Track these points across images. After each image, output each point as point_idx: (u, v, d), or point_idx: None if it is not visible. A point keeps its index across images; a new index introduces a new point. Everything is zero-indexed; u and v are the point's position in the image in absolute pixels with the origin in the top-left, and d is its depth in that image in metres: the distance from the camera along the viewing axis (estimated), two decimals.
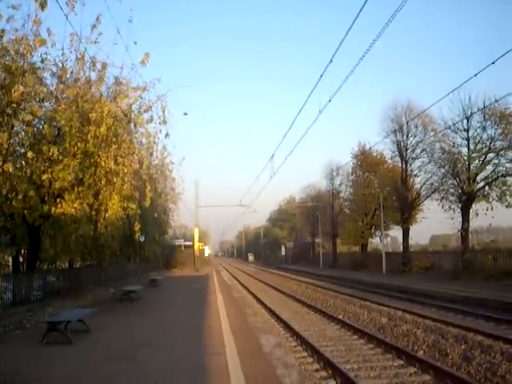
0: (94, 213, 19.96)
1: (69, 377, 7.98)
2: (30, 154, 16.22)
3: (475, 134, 32.70)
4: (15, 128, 17.00)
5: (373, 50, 13.04)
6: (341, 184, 60.66)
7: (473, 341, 12.20)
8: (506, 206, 31.43)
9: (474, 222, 34.17)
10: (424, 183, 39.32)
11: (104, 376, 7.96)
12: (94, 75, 19.09)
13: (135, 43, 18.40)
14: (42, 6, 15.87)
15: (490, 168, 32.17)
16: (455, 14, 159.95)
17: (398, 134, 40.17)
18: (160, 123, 19.97)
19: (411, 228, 41.73)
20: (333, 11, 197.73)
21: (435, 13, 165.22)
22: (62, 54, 18.24)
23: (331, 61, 14.27)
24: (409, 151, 40.16)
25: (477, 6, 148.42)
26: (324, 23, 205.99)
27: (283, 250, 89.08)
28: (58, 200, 18.09)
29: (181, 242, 67.00)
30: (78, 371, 8.36)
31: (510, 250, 30.05)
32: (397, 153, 41.40)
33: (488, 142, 31.92)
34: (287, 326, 15.43)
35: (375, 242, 54.22)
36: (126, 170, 19.46)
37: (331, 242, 63.73)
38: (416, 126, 39.49)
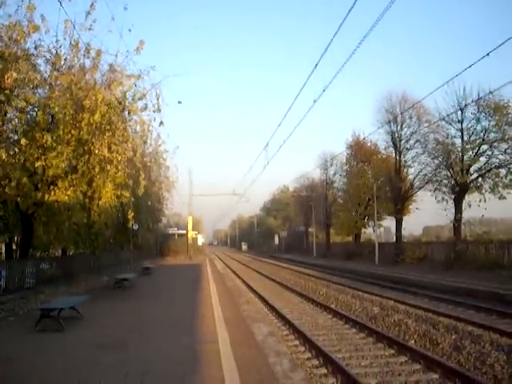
0: (87, 200, 19.94)
1: (60, 364, 8.02)
2: (23, 141, 16.16)
3: (469, 125, 32.73)
4: (8, 115, 16.97)
5: (369, 38, 13.06)
6: (335, 174, 60.76)
7: (463, 331, 12.29)
8: (499, 198, 31.52)
9: (467, 214, 34.27)
10: (417, 174, 39.33)
11: (96, 363, 7.98)
12: (88, 62, 19.05)
13: (130, 31, 18.37)
14: None
15: (483, 159, 32.23)
16: (454, 3, 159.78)
17: (392, 124, 40.15)
18: (154, 111, 19.98)
19: (404, 219, 41.84)
20: None
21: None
22: (56, 41, 18.22)
23: (326, 50, 14.30)
24: (403, 142, 40.15)
25: None
26: (322, 7, 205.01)
27: (276, 239, 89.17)
28: (52, 187, 18.06)
29: (174, 230, 67.03)
30: (70, 358, 8.40)
31: (501, 241, 30.21)
32: (391, 143, 41.38)
33: (482, 134, 31.95)
34: (280, 315, 15.48)
35: (368, 232, 54.47)
36: (119, 158, 19.45)
37: (324, 231, 63.86)
38: (410, 117, 39.47)
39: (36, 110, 17.87)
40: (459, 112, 32.44)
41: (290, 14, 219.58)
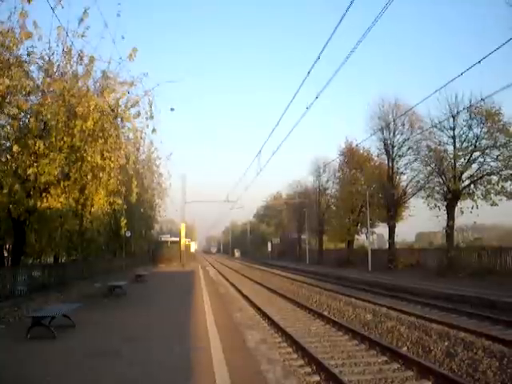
0: (79, 207, 19.89)
1: (51, 372, 7.95)
2: (15, 148, 16.11)
3: (461, 132, 32.96)
4: (0, 121, 16.92)
5: (361, 45, 13.11)
6: (327, 181, 60.94)
7: (456, 337, 12.30)
8: (491, 205, 31.70)
9: (459, 220, 34.45)
10: (410, 181, 39.61)
11: (87, 372, 7.93)
12: (81, 69, 19.04)
13: (123, 38, 18.40)
14: None
15: (475, 166, 32.45)
16: (447, 9, 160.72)
17: (384, 131, 40.37)
18: (147, 118, 19.98)
19: (397, 225, 42.04)
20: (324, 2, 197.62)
21: (427, 7, 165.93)
22: (49, 48, 18.19)
23: (319, 57, 14.34)
24: (395, 149, 40.39)
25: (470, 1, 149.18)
26: (314, 13, 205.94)
27: (269, 246, 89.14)
28: (44, 194, 18.00)
29: (167, 237, 66.66)
30: (61, 367, 8.35)
31: (494, 247, 30.38)
32: (383, 150, 41.63)
33: (474, 141, 32.15)
34: (272, 322, 15.45)
35: (361, 238, 54.54)
36: (112, 165, 19.42)
37: (317, 238, 63.93)
38: (403, 124, 39.72)
39: (28, 116, 17.82)
40: (451, 119, 32.65)
41: (284, 21, 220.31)
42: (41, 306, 15.89)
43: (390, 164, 40.80)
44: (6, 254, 22.42)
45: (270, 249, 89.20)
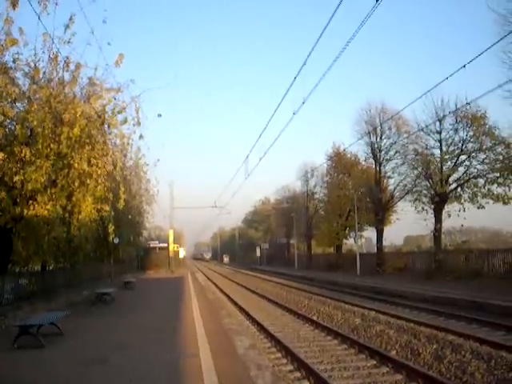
0: (67, 215, 19.72)
1: (39, 381, 7.90)
2: (1, 155, 15.96)
3: (447, 136, 33.24)
4: None
5: (347, 50, 13.14)
6: (315, 185, 61.09)
7: (444, 340, 12.36)
8: (478, 207, 31.95)
9: (447, 223, 34.71)
10: (397, 185, 39.89)
11: (76, 379, 7.88)
12: (67, 76, 18.94)
13: (109, 44, 18.35)
14: (14, 4, 15.70)
15: (461, 170, 32.72)
16: (433, 14, 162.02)
17: (371, 135, 40.63)
18: (134, 124, 19.97)
19: (386, 229, 42.25)
20: (310, 7, 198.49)
21: (410, 12, 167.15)
22: (35, 54, 18.03)
23: (305, 63, 14.41)
24: (382, 153, 40.64)
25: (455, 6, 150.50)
26: (301, 18, 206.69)
27: (258, 251, 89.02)
28: (31, 202, 17.84)
29: (155, 243, 66.41)
30: (49, 376, 8.28)
31: (481, 250, 30.59)
32: (371, 154, 41.86)
33: (460, 144, 32.42)
34: (261, 328, 15.44)
35: (350, 243, 54.65)
36: (99, 172, 19.32)
37: (306, 243, 63.98)
38: (390, 128, 40.00)
39: (14, 123, 17.66)
40: (437, 123, 32.94)
41: (270, 26, 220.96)
42: (28, 314, 15.74)
43: (378, 168, 41.02)
44: None
45: (258, 254, 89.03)
